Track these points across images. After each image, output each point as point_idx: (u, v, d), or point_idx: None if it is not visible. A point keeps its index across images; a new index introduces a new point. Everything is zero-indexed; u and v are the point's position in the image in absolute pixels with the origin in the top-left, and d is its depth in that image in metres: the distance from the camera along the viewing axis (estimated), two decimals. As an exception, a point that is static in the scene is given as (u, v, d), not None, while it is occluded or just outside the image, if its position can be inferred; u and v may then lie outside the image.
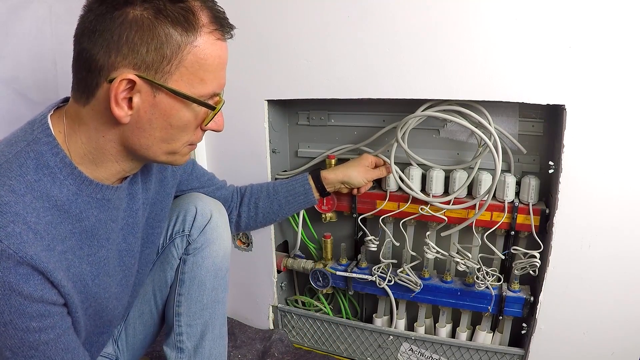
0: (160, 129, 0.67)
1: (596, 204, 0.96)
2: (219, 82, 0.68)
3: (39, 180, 0.63)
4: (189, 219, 0.93)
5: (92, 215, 0.70)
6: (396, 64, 1.04)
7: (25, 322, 0.60)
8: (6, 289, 0.58)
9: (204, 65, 0.64)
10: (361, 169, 1.13)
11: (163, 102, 0.64)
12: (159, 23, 0.60)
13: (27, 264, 0.59)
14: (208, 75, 0.65)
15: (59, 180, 0.65)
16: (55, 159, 0.65)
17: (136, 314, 0.98)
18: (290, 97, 1.18)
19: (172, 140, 0.69)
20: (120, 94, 0.61)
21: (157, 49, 0.61)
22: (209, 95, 0.67)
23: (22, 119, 1.35)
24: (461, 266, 1.10)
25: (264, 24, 1.14)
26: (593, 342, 1.04)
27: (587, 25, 0.89)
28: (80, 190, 0.67)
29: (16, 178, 0.61)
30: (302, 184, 1.13)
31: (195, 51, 0.63)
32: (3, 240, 0.57)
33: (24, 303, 0.59)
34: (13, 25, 1.23)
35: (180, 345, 0.94)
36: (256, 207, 1.12)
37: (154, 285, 0.96)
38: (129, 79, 0.61)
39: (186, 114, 0.67)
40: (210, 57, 0.65)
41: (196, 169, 1.03)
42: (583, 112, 0.93)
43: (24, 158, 0.63)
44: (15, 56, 1.25)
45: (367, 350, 1.26)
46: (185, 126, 0.68)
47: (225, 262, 0.97)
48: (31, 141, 0.64)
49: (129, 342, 0.99)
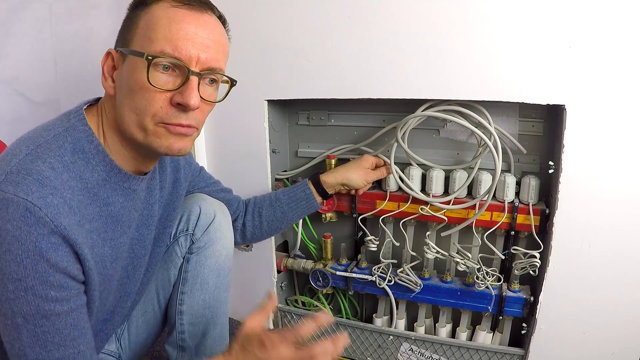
0: (126, 94, 0.70)
1: (596, 203, 0.96)
2: (171, 43, 0.67)
3: (74, 162, 0.68)
4: (192, 219, 0.95)
5: (117, 202, 0.75)
6: (396, 64, 1.04)
7: (45, 290, 0.63)
8: (36, 254, 0.61)
9: (151, 25, 0.68)
10: (361, 171, 1.13)
11: (126, 66, 0.70)
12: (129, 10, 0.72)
13: (60, 234, 0.62)
14: (155, 34, 0.67)
15: (92, 165, 0.70)
16: (90, 146, 0.71)
17: (139, 312, 0.98)
18: (290, 97, 1.18)
19: (138, 110, 0.69)
20: (104, 66, 0.72)
21: (125, 27, 0.72)
22: (157, 53, 0.67)
23: (22, 119, 1.35)
24: (461, 266, 1.10)
25: (264, 23, 1.14)
26: (593, 342, 1.04)
27: (587, 25, 0.89)
28: (110, 177, 0.73)
29: (55, 157, 0.66)
30: (303, 190, 1.13)
31: (147, 16, 0.69)
32: (42, 208, 0.60)
33: (48, 271, 0.62)
34: (13, 25, 1.23)
35: (182, 344, 0.95)
36: (260, 215, 1.12)
37: (157, 283, 0.97)
38: (108, 51, 0.72)
39: (139, 74, 0.68)
40: (159, 18, 0.68)
41: (203, 172, 1.07)
42: (583, 112, 0.93)
43: (62, 141, 0.68)
44: (15, 56, 1.25)
45: (367, 350, 1.26)
46: (141, 89, 0.68)
47: (227, 262, 0.98)
48: (69, 127, 0.70)
49: (131, 341, 0.99)
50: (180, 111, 0.70)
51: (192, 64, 0.69)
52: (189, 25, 0.68)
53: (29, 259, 0.60)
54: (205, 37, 0.70)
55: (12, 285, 0.61)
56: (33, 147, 0.66)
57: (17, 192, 0.60)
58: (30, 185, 0.61)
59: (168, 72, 0.69)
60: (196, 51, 0.68)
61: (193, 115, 0.71)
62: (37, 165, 0.63)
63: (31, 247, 0.60)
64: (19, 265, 0.60)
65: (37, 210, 0.60)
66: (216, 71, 0.73)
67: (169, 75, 0.69)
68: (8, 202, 0.60)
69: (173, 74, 0.69)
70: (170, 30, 0.67)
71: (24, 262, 0.60)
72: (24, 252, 0.60)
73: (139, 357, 1.02)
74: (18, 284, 0.61)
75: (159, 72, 0.68)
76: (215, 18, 0.74)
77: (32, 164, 0.63)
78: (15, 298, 0.62)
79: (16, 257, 0.60)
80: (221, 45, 0.73)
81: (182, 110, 0.70)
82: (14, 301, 0.62)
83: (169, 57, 0.67)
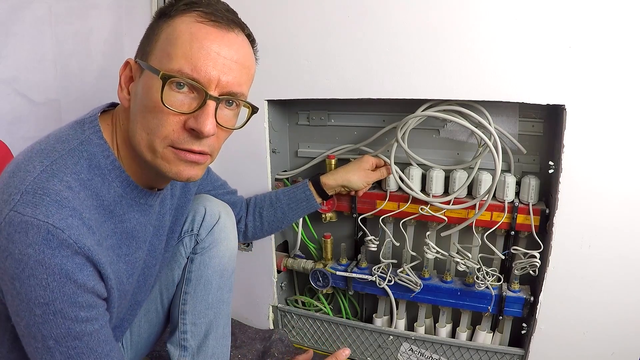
0: (139, 111, 0.66)
1: (596, 204, 0.96)
2: (191, 62, 0.62)
3: (91, 179, 0.66)
4: (197, 219, 0.95)
5: (133, 217, 0.73)
6: (396, 64, 1.04)
7: (75, 312, 0.62)
8: (62, 276, 0.59)
9: (172, 40, 0.64)
10: (361, 173, 1.13)
11: (142, 81, 0.66)
12: (153, 20, 0.69)
13: (83, 254, 0.61)
14: (175, 51, 0.63)
15: (108, 182, 0.68)
16: (106, 162, 0.68)
17: (142, 312, 0.98)
18: (290, 97, 1.18)
19: (150, 130, 0.65)
20: (122, 75, 0.69)
21: (146, 38, 0.69)
22: (175, 72, 0.63)
23: (22, 119, 1.35)
24: (461, 266, 1.10)
25: (264, 23, 1.14)
26: (593, 342, 1.04)
27: (587, 25, 0.89)
28: (126, 193, 0.71)
29: (71, 175, 0.64)
30: (304, 191, 1.13)
31: (169, 29, 0.65)
32: (65, 230, 0.59)
33: (76, 292, 0.61)
34: (13, 25, 1.23)
35: (184, 344, 0.95)
36: (261, 216, 1.13)
37: (161, 283, 0.97)
38: (127, 61, 0.69)
39: (153, 92, 0.63)
40: (181, 32, 0.63)
41: (211, 174, 1.07)
42: (583, 112, 0.93)
43: (78, 157, 0.66)
44: (15, 56, 1.25)
45: (367, 350, 1.26)
46: (154, 108, 0.64)
47: (231, 263, 0.99)
48: (84, 141, 0.67)
49: (133, 340, 0.99)
50: (193, 137, 0.65)
51: (212, 87, 0.64)
52: (212, 43, 0.63)
53: (55, 282, 0.59)
54: (228, 57, 0.65)
55: (39, 310, 0.59)
56: (48, 163, 0.62)
57: (36, 214, 0.58)
58: (49, 206, 0.58)
59: (184, 92, 0.64)
60: (217, 73, 0.64)
61: (207, 142, 0.67)
62: (53, 184, 0.61)
63: (57, 269, 0.58)
64: (45, 289, 0.59)
65: (60, 232, 0.58)
66: (237, 97, 0.68)
67: (185, 95, 0.64)
68: (27, 225, 0.57)
69: (190, 95, 0.64)
70: (191, 48, 0.63)
71: (50, 286, 0.59)
72: (50, 276, 0.58)
73: (140, 356, 1.03)
74: (46, 308, 0.59)
75: (174, 91, 0.63)
76: (243, 37, 0.69)
77: (49, 182, 0.60)
78: (44, 322, 0.60)
79: (41, 282, 0.58)
80: (245, 68, 0.68)
81: (195, 136, 0.65)
82: (42, 325, 0.60)
83: (187, 78, 0.63)
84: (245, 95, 0.70)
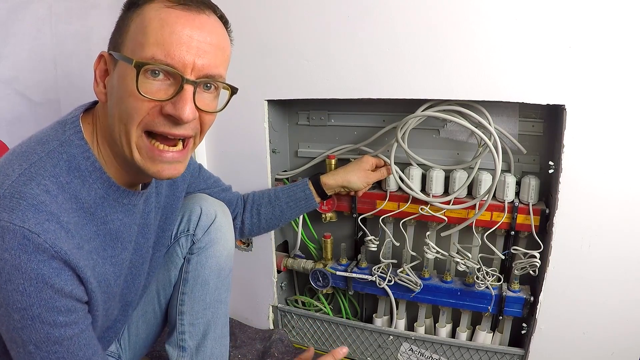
0: (116, 102, 0.65)
1: (596, 204, 0.96)
2: (163, 48, 0.61)
3: (70, 182, 0.65)
4: (193, 219, 0.94)
5: (117, 218, 0.72)
6: (396, 64, 1.04)
7: (53, 316, 0.61)
8: (39, 281, 0.59)
9: (143, 28, 0.63)
10: (361, 173, 1.13)
11: (116, 72, 0.65)
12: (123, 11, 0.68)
13: (61, 258, 0.60)
14: (146, 39, 0.62)
15: (88, 184, 0.67)
16: (86, 163, 0.67)
17: (139, 312, 0.98)
18: (290, 97, 1.18)
19: (126, 119, 0.64)
20: (97, 70, 0.68)
21: (117, 29, 0.68)
22: (148, 59, 0.61)
23: (22, 119, 1.35)
24: (461, 266, 1.10)
25: (264, 24, 1.14)
26: (593, 342, 1.04)
27: (587, 25, 0.89)
28: (108, 195, 0.70)
29: (49, 178, 0.63)
30: (303, 189, 1.13)
31: (139, 18, 0.64)
32: (41, 234, 0.58)
33: (54, 297, 0.61)
34: (13, 25, 1.23)
35: (182, 344, 0.94)
36: (258, 213, 1.12)
37: (157, 284, 0.97)
38: (100, 54, 0.69)
39: (128, 82, 0.62)
40: (151, 19, 0.62)
41: (203, 171, 1.06)
42: (583, 112, 0.93)
43: (57, 159, 0.65)
44: (15, 56, 1.25)
45: (367, 350, 1.26)
46: (129, 97, 0.62)
47: (228, 262, 0.98)
48: (64, 142, 0.66)
49: (131, 341, 0.99)
50: (171, 122, 0.64)
51: (187, 72, 0.62)
52: (184, 27, 0.62)
53: (32, 287, 0.58)
54: (202, 40, 0.63)
55: (17, 315, 0.59)
56: (26, 166, 0.62)
57: (12, 219, 0.57)
58: (26, 211, 0.58)
59: (160, 80, 0.62)
60: (191, 57, 0.62)
61: (190, 126, 0.66)
62: (30, 188, 0.60)
63: (33, 275, 0.58)
64: (22, 294, 0.58)
65: (36, 237, 0.58)
66: (215, 79, 0.66)
67: (161, 82, 0.63)
68: (4, 230, 0.57)
69: (166, 82, 0.63)
70: (162, 34, 0.61)
71: (27, 291, 0.58)
72: (26, 281, 0.58)
73: (139, 356, 1.02)
74: (24, 313, 0.59)
75: (149, 79, 0.62)
76: (215, 18, 0.67)
77: (26, 186, 0.60)
78: (23, 327, 0.60)
79: (18, 287, 0.58)
80: (220, 49, 0.66)
81: (174, 122, 0.64)
82: (22, 330, 0.60)
83: (161, 64, 0.61)
84: (224, 77, 0.69)
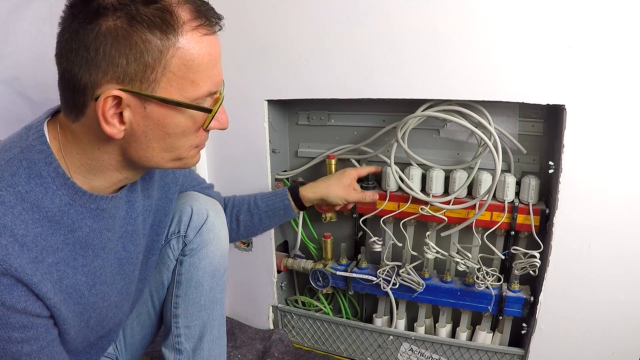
0: (158, 139, 0.64)
1: (596, 203, 0.96)
2: (213, 80, 0.63)
3: (30, 190, 0.61)
4: (184, 220, 0.91)
5: (85, 225, 0.68)
6: (396, 64, 1.04)
7: (8, 333, 0.60)
8: None
9: (193, 67, 0.60)
10: (341, 189, 1.11)
11: (155, 112, 0.61)
12: (134, 31, 0.56)
13: (11, 275, 0.58)
14: (199, 76, 0.61)
15: (52, 191, 0.63)
16: (48, 169, 0.63)
17: (133, 314, 0.97)
18: (290, 97, 1.18)
19: (174, 148, 0.66)
20: (107, 111, 0.59)
21: (138, 59, 0.57)
22: (204, 96, 0.63)
23: (22, 119, 1.35)
24: (461, 266, 1.10)
25: (263, 24, 1.14)
26: (593, 342, 1.04)
27: (587, 25, 0.89)
28: (74, 201, 0.66)
29: (6, 189, 0.60)
30: (282, 200, 1.11)
31: (180, 53, 0.59)
32: None
33: (6, 313, 0.59)
34: (13, 25, 1.23)
35: (178, 347, 0.93)
36: (237, 220, 1.10)
37: (150, 286, 0.95)
38: (113, 95, 0.58)
39: (182, 121, 0.63)
40: (198, 56, 0.60)
41: (191, 169, 1.03)
42: (583, 112, 0.93)
43: (17, 167, 0.61)
44: (15, 56, 1.25)
45: (367, 350, 1.26)
46: (183, 132, 0.65)
47: (222, 263, 0.95)
48: (25, 148, 0.63)
49: (127, 343, 0.99)
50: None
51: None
52: (216, 51, 0.63)
53: None
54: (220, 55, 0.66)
55: None
56: None
57: None
58: None
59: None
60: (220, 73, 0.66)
61: None
62: None
63: None
64: None
65: None
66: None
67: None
68: None
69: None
70: (209, 66, 0.62)
71: None
72: None
73: (137, 357, 1.02)
74: None
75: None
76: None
77: None
78: None
79: None
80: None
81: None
82: None
83: (214, 95, 0.66)
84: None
